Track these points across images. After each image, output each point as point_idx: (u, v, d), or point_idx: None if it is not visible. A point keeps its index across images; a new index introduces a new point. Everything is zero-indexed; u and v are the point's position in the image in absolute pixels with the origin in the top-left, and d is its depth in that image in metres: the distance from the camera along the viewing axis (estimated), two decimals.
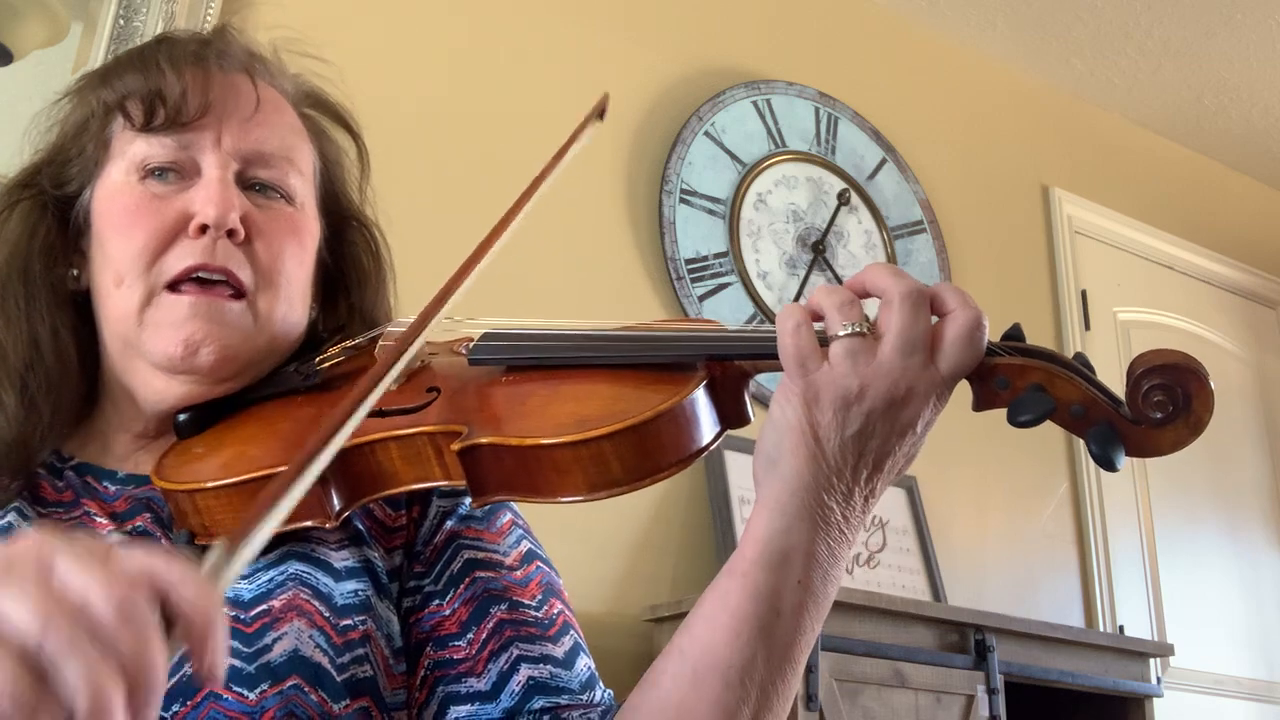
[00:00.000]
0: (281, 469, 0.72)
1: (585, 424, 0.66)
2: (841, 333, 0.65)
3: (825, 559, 0.67)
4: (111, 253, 0.80)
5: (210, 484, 0.74)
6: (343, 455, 0.72)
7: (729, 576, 0.67)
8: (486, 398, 0.74)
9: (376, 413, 0.75)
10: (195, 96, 0.80)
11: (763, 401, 1.38)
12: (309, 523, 0.74)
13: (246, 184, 0.83)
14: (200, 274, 0.78)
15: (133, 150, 0.81)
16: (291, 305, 0.84)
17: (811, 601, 0.67)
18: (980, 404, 0.68)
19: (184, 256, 0.78)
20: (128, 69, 0.83)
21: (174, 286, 0.79)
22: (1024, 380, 0.66)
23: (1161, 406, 0.64)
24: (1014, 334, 0.68)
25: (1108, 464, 0.65)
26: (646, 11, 2.69)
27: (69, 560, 0.44)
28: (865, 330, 0.64)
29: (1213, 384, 0.64)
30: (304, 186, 0.86)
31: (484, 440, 0.68)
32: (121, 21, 1.97)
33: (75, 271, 0.84)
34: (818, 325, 0.67)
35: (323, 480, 0.73)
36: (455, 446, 0.69)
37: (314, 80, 0.94)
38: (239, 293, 0.80)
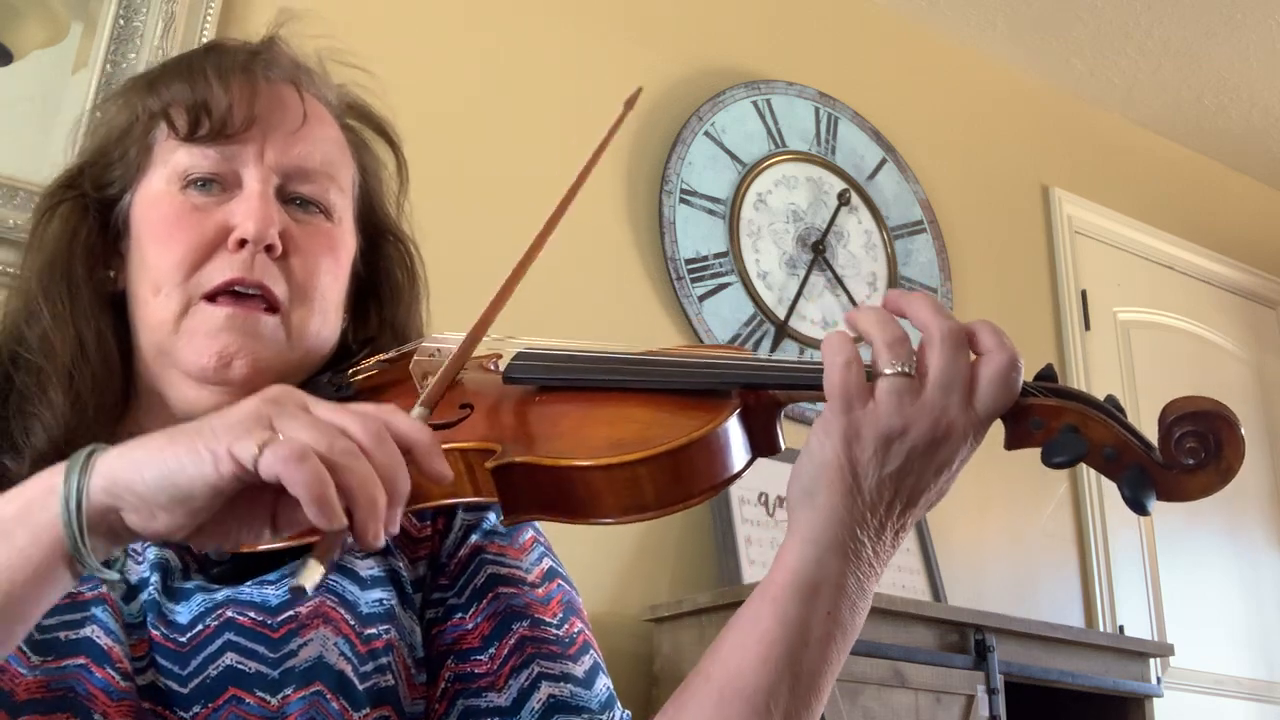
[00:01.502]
0: None
1: (620, 447, 0.67)
2: (889, 371, 0.65)
3: (854, 591, 0.68)
4: (150, 261, 0.80)
5: None
6: None
7: (760, 602, 0.68)
8: (520, 416, 0.74)
9: None
10: (241, 109, 0.81)
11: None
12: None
13: (286, 198, 0.83)
14: (236, 288, 0.79)
15: (175, 159, 0.81)
16: (325, 320, 0.84)
17: (839, 632, 0.68)
18: (1013, 443, 0.68)
19: (222, 270, 0.79)
20: (175, 77, 0.83)
21: (210, 298, 0.79)
22: (1058, 421, 0.67)
23: (1194, 453, 0.65)
24: (1047, 374, 0.69)
25: (1139, 508, 0.65)
26: (646, 11, 2.69)
27: (320, 403, 0.58)
28: (912, 371, 0.65)
29: (1243, 431, 0.65)
30: (343, 201, 0.87)
31: (518, 459, 0.68)
32: (121, 22, 1.96)
33: (113, 273, 0.84)
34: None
35: None
36: (489, 464, 0.69)
37: (358, 91, 0.94)
38: (273, 307, 0.80)
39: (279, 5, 0.94)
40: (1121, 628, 2.90)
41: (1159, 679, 2.55)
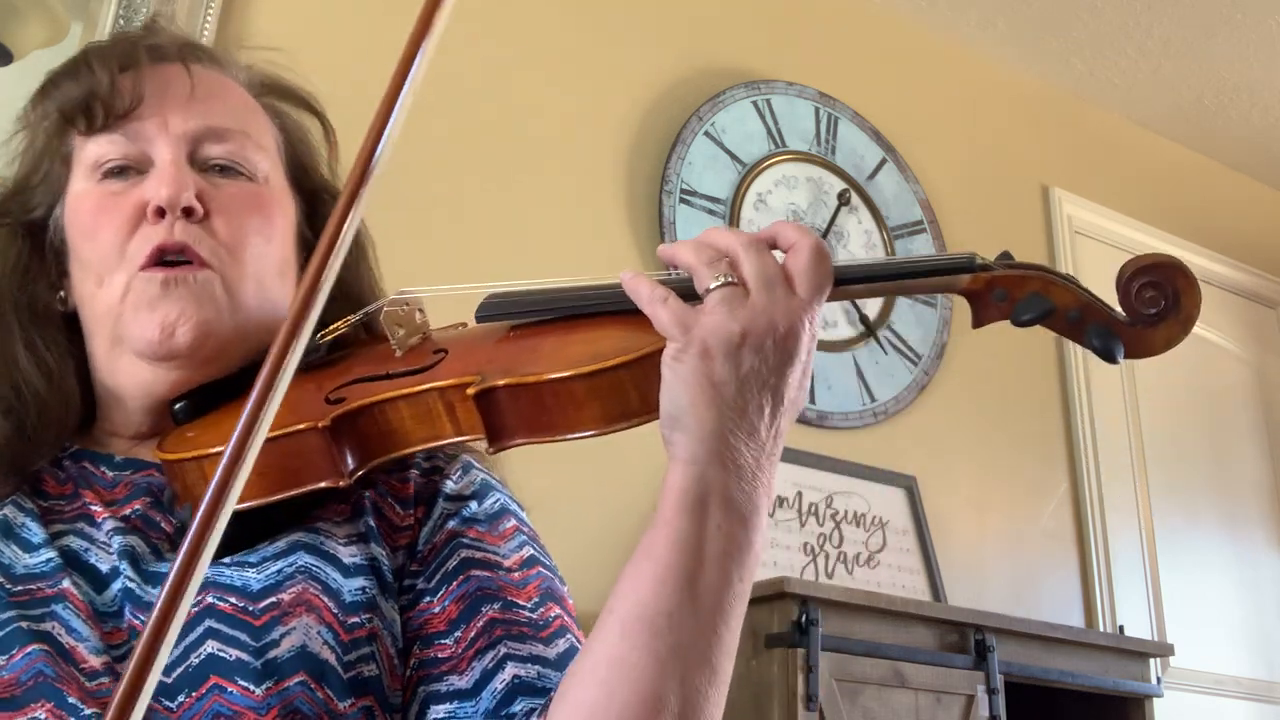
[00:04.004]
0: (296, 427, 0.72)
1: (600, 357, 0.69)
2: (714, 285, 0.69)
3: (743, 504, 0.68)
4: (85, 256, 0.81)
5: (216, 449, 0.74)
6: (352, 416, 0.74)
7: (652, 530, 0.68)
8: (496, 351, 0.75)
9: (384, 376, 0.76)
10: (126, 85, 0.81)
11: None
12: (324, 483, 0.74)
13: (205, 166, 0.83)
14: (165, 257, 0.79)
15: (86, 154, 0.83)
16: (262, 282, 0.83)
17: (734, 548, 0.67)
18: (980, 319, 0.72)
19: (146, 241, 0.79)
20: (62, 79, 0.85)
21: (145, 269, 0.79)
22: (1022, 290, 0.71)
23: (1154, 302, 0.69)
24: (1006, 257, 0.73)
25: (1109, 356, 0.70)
26: (646, 11, 2.69)
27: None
28: (735, 280, 0.69)
29: (1199, 281, 0.69)
30: (266, 160, 0.86)
31: (500, 383, 0.69)
32: (121, 22, 1.96)
33: (63, 294, 0.85)
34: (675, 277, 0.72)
35: (336, 439, 0.74)
36: (471, 390, 0.70)
37: (270, 68, 0.94)
38: (204, 265, 0.80)
39: (279, 4, 0.93)
40: (1121, 628, 2.90)
41: (1159, 679, 2.54)
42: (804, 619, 1.86)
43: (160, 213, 0.79)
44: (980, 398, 2.87)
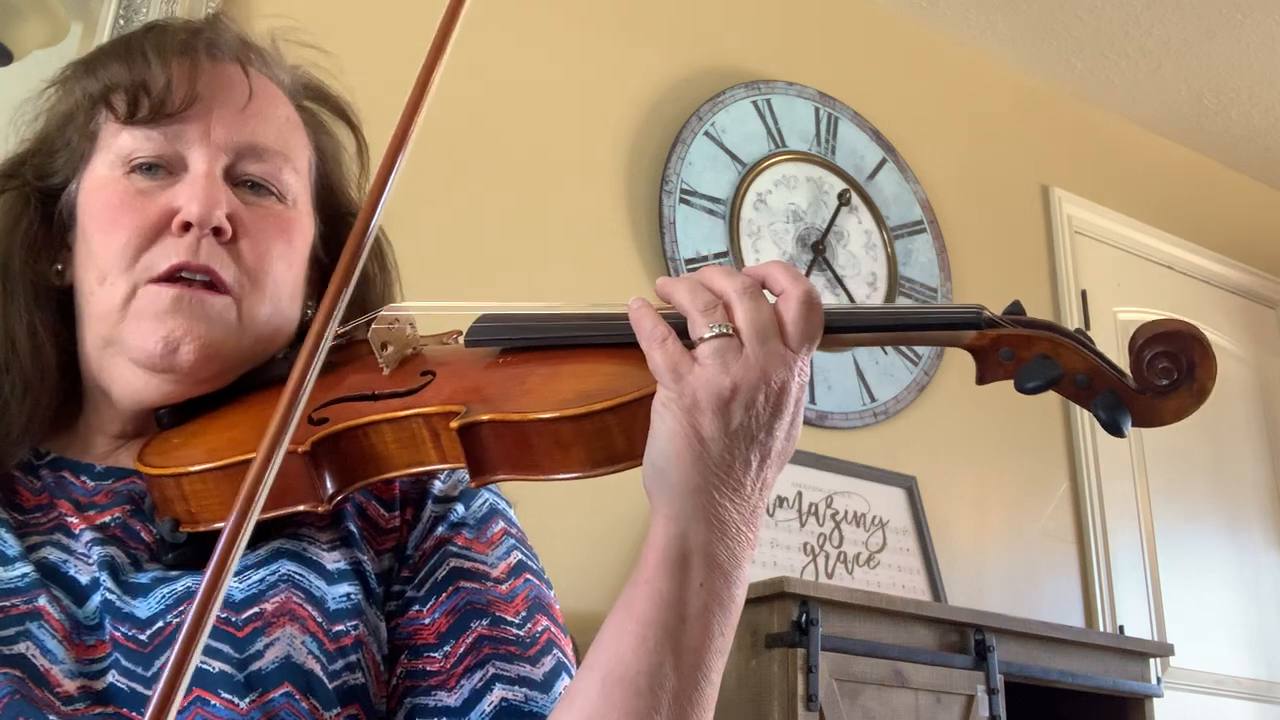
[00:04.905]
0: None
1: (588, 398, 0.66)
2: (708, 334, 0.66)
3: (726, 561, 0.66)
4: (95, 249, 0.78)
5: (196, 468, 0.73)
6: (335, 438, 0.72)
7: (633, 586, 0.66)
8: (484, 378, 0.73)
9: (369, 396, 0.74)
10: (180, 87, 0.78)
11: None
12: (302, 507, 0.72)
13: (237, 180, 0.80)
14: (183, 273, 0.76)
15: (118, 144, 0.79)
16: (277, 306, 0.81)
17: (717, 605, 0.66)
18: (985, 376, 0.69)
19: (167, 254, 0.76)
20: (113, 59, 0.80)
21: (157, 282, 0.76)
22: (1029, 351, 0.67)
23: (1167, 374, 0.65)
24: (1015, 309, 0.70)
25: (1115, 429, 0.66)
26: (646, 11, 2.69)
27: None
28: (730, 330, 0.66)
29: (1215, 352, 0.65)
30: (298, 183, 0.83)
31: (484, 417, 0.67)
32: (122, 21, 1.97)
33: (60, 267, 0.81)
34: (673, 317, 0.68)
35: (316, 463, 0.72)
36: (454, 424, 0.68)
37: (314, 71, 0.91)
38: (223, 290, 0.77)
39: (279, 2, 0.92)
40: (1121, 628, 2.90)
41: (1159, 679, 2.54)
42: (804, 619, 1.86)
43: (186, 226, 0.76)
44: (980, 398, 2.87)
